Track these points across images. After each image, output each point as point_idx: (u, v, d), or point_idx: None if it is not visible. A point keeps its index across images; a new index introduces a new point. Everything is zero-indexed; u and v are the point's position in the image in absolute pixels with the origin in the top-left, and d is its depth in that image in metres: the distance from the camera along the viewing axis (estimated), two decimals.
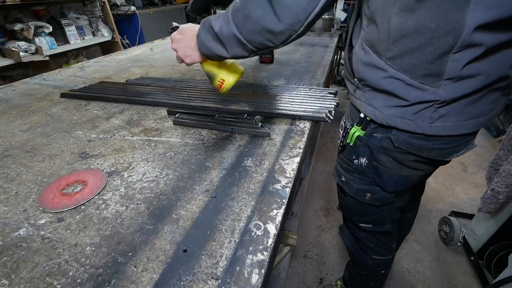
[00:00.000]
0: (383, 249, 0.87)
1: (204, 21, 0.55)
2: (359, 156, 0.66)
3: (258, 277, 0.36)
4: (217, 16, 0.52)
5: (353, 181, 0.72)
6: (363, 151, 0.65)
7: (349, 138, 0.66)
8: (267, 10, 0.44)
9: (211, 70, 0.64)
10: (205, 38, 0.54)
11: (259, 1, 0.45)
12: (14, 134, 0.70)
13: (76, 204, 0.47)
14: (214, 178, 0.53)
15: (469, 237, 1.37)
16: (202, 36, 0.54)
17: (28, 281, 0.36)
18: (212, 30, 0.52)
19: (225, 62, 0.64)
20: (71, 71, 1.21)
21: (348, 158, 0.69)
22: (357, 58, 0.57)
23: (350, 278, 1.08)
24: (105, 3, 2.30)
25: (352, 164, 0.69)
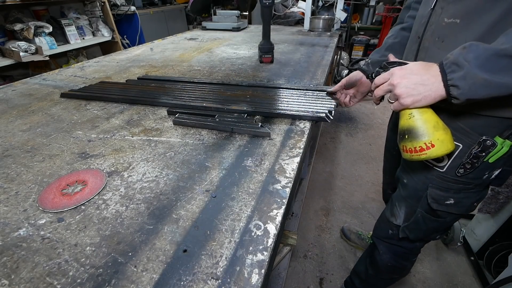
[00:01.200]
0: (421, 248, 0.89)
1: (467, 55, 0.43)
2: (495, 169, 0.61)
3: (258, 277, 0.36)
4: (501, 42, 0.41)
5: (467, 198, 0.67)
6: (502, 163, 0.60)
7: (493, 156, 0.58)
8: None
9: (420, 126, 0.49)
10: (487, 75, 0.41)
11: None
12: (14, 134, 0.70)
13: (76, 204, 0.47)
14: (214, 178, 0.53)
15: (469, 237, 1.37)
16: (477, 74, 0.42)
17: (28, 281, 0.36)
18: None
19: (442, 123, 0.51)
20: (71, 71, 1.21)
21: (474, 177, 0.63)
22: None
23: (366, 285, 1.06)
24: (105, 3, 2.30)
25: (476, 181, 0.63)
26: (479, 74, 0.42)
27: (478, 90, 0.43)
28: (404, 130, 0.52)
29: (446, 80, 0.46)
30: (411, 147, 0.51)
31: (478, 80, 0.42)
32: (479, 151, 0.58)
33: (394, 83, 0.51)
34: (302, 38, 1.83)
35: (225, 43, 1.71)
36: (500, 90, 0.42)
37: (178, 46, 1.65)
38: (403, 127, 0.52)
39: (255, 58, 1.35)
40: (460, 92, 0.45)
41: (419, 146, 0.50)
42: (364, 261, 1.04)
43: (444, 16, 0.57)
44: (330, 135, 2.47)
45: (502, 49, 0.40)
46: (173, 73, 1.15)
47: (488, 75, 0.41)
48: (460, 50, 0.45)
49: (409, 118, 0.50)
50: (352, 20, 3.69)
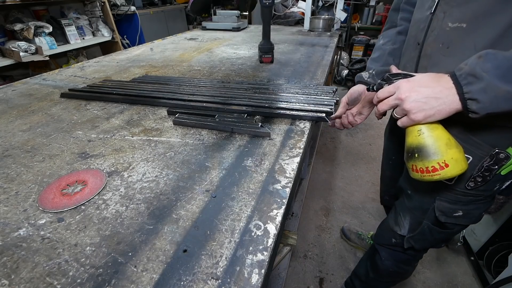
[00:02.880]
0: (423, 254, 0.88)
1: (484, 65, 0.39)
2: (506, 181, 0.59)
3: (258, 277, 0.36)
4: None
5: (476, 209, 0.65)
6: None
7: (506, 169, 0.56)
8: None
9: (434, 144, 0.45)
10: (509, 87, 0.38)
11: None
12: (14, 134, 0.70)
13: (76, 204, 0.47)
14: (214, 178, 0.53)
15: (469, 237, 1.37)
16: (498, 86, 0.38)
17: (28, 281, 0.36)
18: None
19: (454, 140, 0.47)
20: (71, 71, 1.21)
21: (485, 189, 0.61)
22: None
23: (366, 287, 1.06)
24: (105, 3, 2.30)
25: (486, 192, 0.62)
26: (502, 86, 0.38)
27: (500, 104, 0.39)
28: (413, 148, 0.48)
29: (463, 93, 0.42)
30: (422, 166, 0.47)
31: (501, 92, 0.38)
32: (491, 164, 0.55)
33: (402, 97, 0.47)
34: (302, 38, 1.83)
35: (225, 43, 1.71)
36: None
37: (178, 46, 1.65)
38: (411, 144, 0.48)
39: (255, 58, 1.35)
40: (480, 106, 0.41)
41: (431, 166, 0.46)
42: (365, 263, 1.04)
43: (448, 21, 0.54)
44: (330, 135, 2.48)
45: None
46: (173, 73, 1.15)
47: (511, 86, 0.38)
48: (476, 60, 0.41)
49: (419, 135, 0.46)
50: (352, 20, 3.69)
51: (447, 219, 0.68)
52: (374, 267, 0.96)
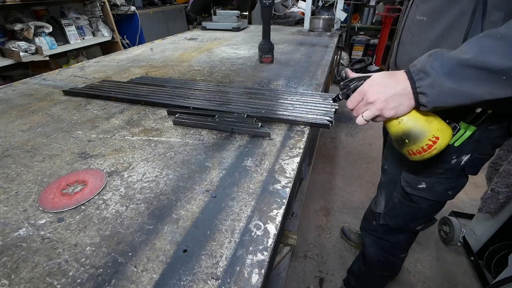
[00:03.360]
0: (409, 245, 0.90)
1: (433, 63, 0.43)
2: (462, 154, 0.63)
3: (258, 277, 0.36)
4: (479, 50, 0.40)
5: (439, 184, 0.69)
6: (469, 148, 0.62)
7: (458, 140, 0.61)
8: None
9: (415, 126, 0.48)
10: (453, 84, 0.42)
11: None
12: (14, 134, 0.70)
13: (76, 204, 0.47)
14: (214, 178, 0.53)
15: (469, 237, 1.37)
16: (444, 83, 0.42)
17: (28, 281, 0.36)
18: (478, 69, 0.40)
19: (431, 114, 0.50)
20: (71, 71, 1.21)
21: (443, 160, 0.65)
22: None
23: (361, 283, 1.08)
24: (105, 3, 2.30)
25: (445, 165, 0.65)
26: (446, 82, 0.42)
27: (445, 98, 0.43)
28: (400, 136, 0.51)
29: (415, 87, 0.46)
30: (418, 148, 0.50)
31: (445, 88, 0.42)
32: None
33: (371, 100, 0.50)
34: (302, 38, 1.83)
35: (225, 43, 1.71)
36: (465, 99, 0.43)
37: (178, 46, 1.65)
38: (397, 133, 0.51)
39: (255, 58, 1.35)
40: (428, 100, 0.45)
41: (426, 145, 0.49)
42: (358, 259, 1.07)
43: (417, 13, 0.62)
44: (330, 135, 2.48)
45: (466, 59, 0.40)
46: (173, 73, 1.15)
47: (454, 84, 0.42)
48: (426, 58, 0.45)
49: (399, 124, 0.50)
50: (352, 20, 3.69)
51: (412, 191, 0.72)
52: (364, 259, 0.99)
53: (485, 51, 0.39)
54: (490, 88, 0.40)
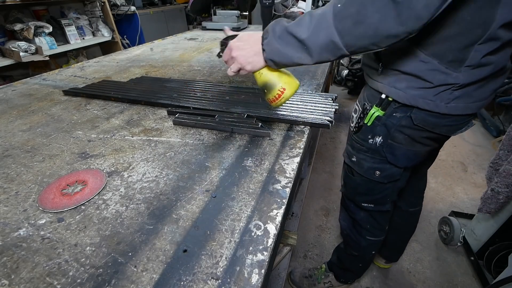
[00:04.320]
0: (378, 230, 0.94)
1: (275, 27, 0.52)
2: (375, 135, 0.71)
3: (258, 277, 0.36)
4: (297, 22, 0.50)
5: (364, 160, 0.77)
6: (380, 130, 0.69)
7: (367, 118, 0.70)
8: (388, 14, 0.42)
9: (270, 78, 0.58)
10: (278, 45, 0.52)
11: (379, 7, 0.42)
12: (14, 134, 0.70)
13: (76, 204, 0.47)
14: (214, 178, 0.53)
15: (469, 237, 1.37)
16: (273, 43, 0.52)
17: (28, 281, 0.36)
18: (292, 36, 0.50)
19: (283, 71, 0.60)
20: (71, 71, 1.21)
21: (363, 138, 0.74)
22: None
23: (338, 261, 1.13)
24: (105, 3, 2.30)
25: (366, 144, 0.74)
26: (275, 43, 0.52)
27: (274, 56, 0.53)
28: (262, 87, 0.60)
29: (262, 44, 0.54)
30: (271, 97, 0.60)
31: (274, 47, 0.52)
32: (361, 113, 0.72)
33: (234, 55, 0.58)
34: None
35: None
36: (286, 60, 0.52)
37: (178, 46, 1.65)
38: (260, 84, 0.60)
39: None
40: (265, 55, 0.54)
41: (276, 94, 0.59)
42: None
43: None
44: (330, 135, 2.48)
45: (287, 26, 0.50)
46: (173, 73, 1.15)
47: (280, 44, 0.51)
48: (273, 23, 0.53)
49: (260, 76, 0.59)
50: None
51: (348, 162, 0.83)
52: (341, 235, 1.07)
53: (299, 24, 0.49)
54: (299, 53, 0.50)
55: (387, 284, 1.27)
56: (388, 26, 0.43)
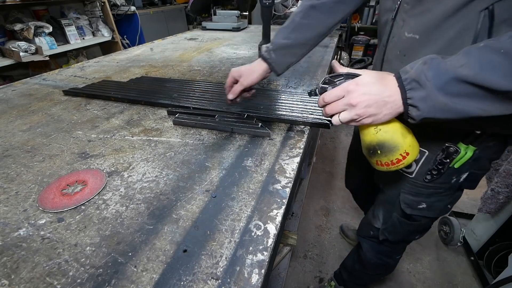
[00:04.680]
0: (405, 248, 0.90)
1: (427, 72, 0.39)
2: (462, 173, 0.61)
3: (258, 277, 0.36)
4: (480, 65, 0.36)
5: (440, 201, 0.68)
6: (468, 167, 0.59)
7: (458, 162, 0.58)
8: None
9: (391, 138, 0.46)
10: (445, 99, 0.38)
11: None
12: (14, 134, 0.70)
13: (76, 204, 0.47)
14: (214, 178, 0.53)
15: (469, 237, 1.37)
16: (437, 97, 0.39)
17: (28, 281, 0.36)
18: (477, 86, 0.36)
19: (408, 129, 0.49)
20: (71, 71, 1.21)
21: (443, 181, 0.63)
22: None
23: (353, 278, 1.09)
24: (105, 3, 2.30)
25: (446, 185, 0.64)
26: (440, 97, 0.38)
27: (436, 113, 0.40)
28: (374, 146, 0.48)
29: (406, 98, 0.42)
30: (387, 161, 0.49)
31: (439, 103, 0.39)
32: (443, 158, 0.58)
33: (353, 102, 0.44)
34: None
35: (225, 43, 1.71)
36: (455, 115, 0.40)
37: (178, 46, 1.65)
38: (371, 142, 0.48)
39: (255, 58, 1.34)
40: (418, 114, 0.41)
41: (396, 159, 0.47)
42: (352, 256, 1.07)
43: (405, 30, 0.54)
44: (330, 135, 2.48)
45: (464, 75, 0.37)
46: (173, 73, 1.15)
47: (448, 99, 0.38)
48: (421, 66, 0.40)
49: (376, 133, 0.47)
50: (352, 20, 3.69)
51: (413, 211, 0.70)
52: (359, 259, 0.99)
53: (486, 68, 0.35)
54: (485, 105, 0.38)
55: (387, 284, 1.27)
56: None
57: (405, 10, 0.55)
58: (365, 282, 1.09)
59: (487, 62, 0.35)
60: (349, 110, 0.46)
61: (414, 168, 0.64)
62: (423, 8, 0.51)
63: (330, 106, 0.48)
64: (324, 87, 0.49)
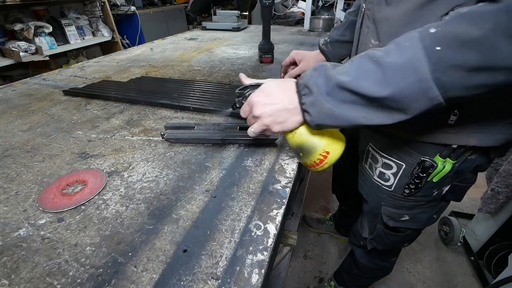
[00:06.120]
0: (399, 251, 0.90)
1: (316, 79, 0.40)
2: (442, 186, 0.59)
3: (258, 277, 0.36)
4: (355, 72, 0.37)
5: (423, 213, 0.66)
6: (448, 180, 0.58)
7: (433, 176, 0.56)
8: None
9: (307, 140, 0.46)
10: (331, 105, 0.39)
11: None
12: (14, 134, 0.70)
13: (76, 204, 0.47)
14: (214, 178, 0.53)
15: (469, 237, 1.37)
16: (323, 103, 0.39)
17: (28, 281, 0.36)
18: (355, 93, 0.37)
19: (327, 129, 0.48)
20: (71, 71, 1.21)
21: (424, 195, 0.61)
22: None
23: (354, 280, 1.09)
24: (105, 3, 2.30)
25: (427, 198, 0.62)
26: (326, 102, 0.39)
27: (325, 120, 0.41)
28: (295, 149, 0.49)
29: (301, 103, 0.43)
30: (310, 162, 0.49)
31: (325, 109, 0.39)
32: (420, 171, 0.56)
33: (257, 114, 0.45)
34: (302, 38, 1.83)
35: (225, 43, 1.71)
36: (343, 122, 0.40)
37: (178, 46, 1.65)
38: (292, 146, 0.49)
39: (255, 58, 1.35)
40: (310, 119, 0.42)
41: (317, 159, 0.48)
42: (349, 259, 1.07)
43: (371, 37, 0.53)
44: None
45: (343, 81, 0.37)
46: (173, 73, 1.15)
47: (332, 105, 0.39)
48: (312, 72, 0.41)
49: (293, 136, 0.47)
50: None
51: (396, 223, 0.68)
52: (355, 264, 0.99)
53: (361, 75, 0.36)
54: (365, 113, 0.38)
55: (387, 284, 1.27)
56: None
57: (368, 17, 0.53)
58: (365, 283, 1.09)
59: (363, 70, 0.36)
60: (258, 121, 0.47)
61: (392, 181, 0.62)
62: (383, 15, 0.49)
63: (248, 120, 0.50)
64: (239, 100, 0.50)
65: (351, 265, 1.04)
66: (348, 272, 1.09)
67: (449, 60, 0.31)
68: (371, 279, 1.05)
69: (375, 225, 0.75)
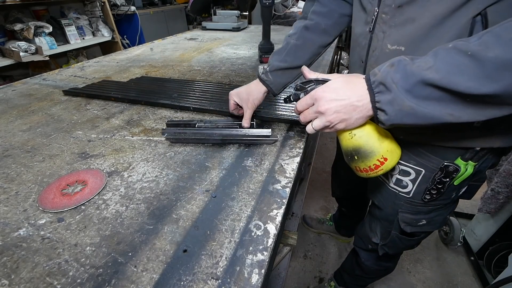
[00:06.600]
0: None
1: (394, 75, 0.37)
2: (461, 187, 0.59)
3: (258, 277, 0.36)
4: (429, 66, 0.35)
5: (439, 216, 0.66)
6: (468, 181, 0.57)
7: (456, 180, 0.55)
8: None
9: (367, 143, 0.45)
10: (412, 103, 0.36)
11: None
12: (14, 134, 0.70)
13: (76, 204, 0.47)
14: (214, 178, 0.53)
15: (469, 237, 1.37)
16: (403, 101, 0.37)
17: (28, 281, 0.36)
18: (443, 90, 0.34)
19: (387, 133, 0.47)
20: (71, 71, 1.21)
21: (444, 198, 0.61)
22: None
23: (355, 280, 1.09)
24: (105, 3, 2.30)
25: (446, 200, 0.62)
26: (406, 100, 0.37)
27: (403, 118, 0.38)
28: (350, 151, 0.48)
29: (374, 101, 0.41)
30: (364, 167, 0.48)
31: (405, 107, 0.37)
32: (442, 177, 0.55)
33: (322, 110, 0.44)
34: None
35: (225, 43, 1.71)
36: (424, 120, 0.38)
37: (178, 46, 1.65)
38: (347, 148, 0.48)
39: (255, 58, 1.35)
40: (386, 118, 0.40)
41: (373, 165, 0.46)
42: (350, 260, 1.07)
43: (388, 42, 0.51)
44: (330, 135, 2.47)
45: (431, 78, 0.35)
46: (173, 73, 1.15)
47: (414, 102, 0.36)
48: (388, 68, 0.39)
49: (351, 138, 0.46)
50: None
51: (413, 229, 0.68)
52: (358, 265, 0.99)
53: (453, 71, 0.33)
54: (453, 110, 0.36)
55: (387, 284, 1.27)
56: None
57: (384, 21, 0.51)
58: (366, 283, 1.10)
59: (454, 65, 0.34)
60: (320, 117, 0.45)
61: (410, 187, 0.61)
62: (405, 18, 0.47)
63: (303, 115, 0.48)
64: (297, 93, 0.49)
65: (354, 266, 1.03)
66: (349, 273, 1.09)
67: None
68: (373, 279, 1.05)
69: (390, 231, 0.74)
